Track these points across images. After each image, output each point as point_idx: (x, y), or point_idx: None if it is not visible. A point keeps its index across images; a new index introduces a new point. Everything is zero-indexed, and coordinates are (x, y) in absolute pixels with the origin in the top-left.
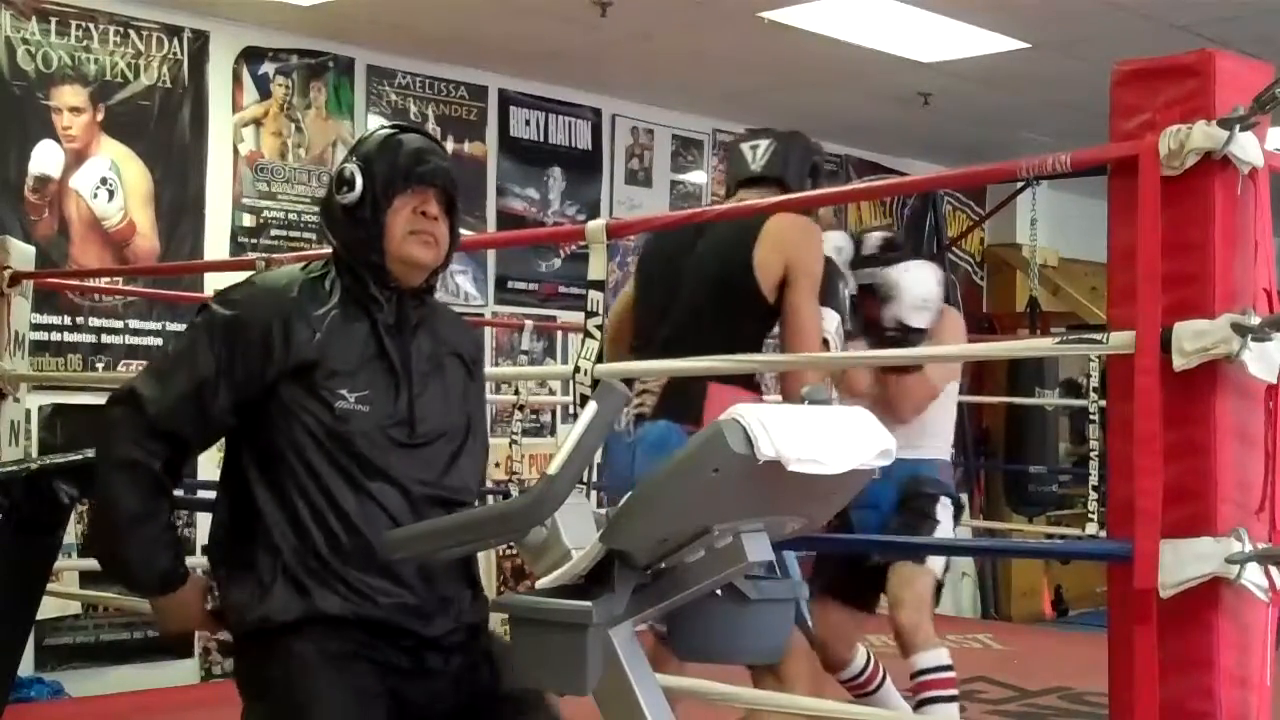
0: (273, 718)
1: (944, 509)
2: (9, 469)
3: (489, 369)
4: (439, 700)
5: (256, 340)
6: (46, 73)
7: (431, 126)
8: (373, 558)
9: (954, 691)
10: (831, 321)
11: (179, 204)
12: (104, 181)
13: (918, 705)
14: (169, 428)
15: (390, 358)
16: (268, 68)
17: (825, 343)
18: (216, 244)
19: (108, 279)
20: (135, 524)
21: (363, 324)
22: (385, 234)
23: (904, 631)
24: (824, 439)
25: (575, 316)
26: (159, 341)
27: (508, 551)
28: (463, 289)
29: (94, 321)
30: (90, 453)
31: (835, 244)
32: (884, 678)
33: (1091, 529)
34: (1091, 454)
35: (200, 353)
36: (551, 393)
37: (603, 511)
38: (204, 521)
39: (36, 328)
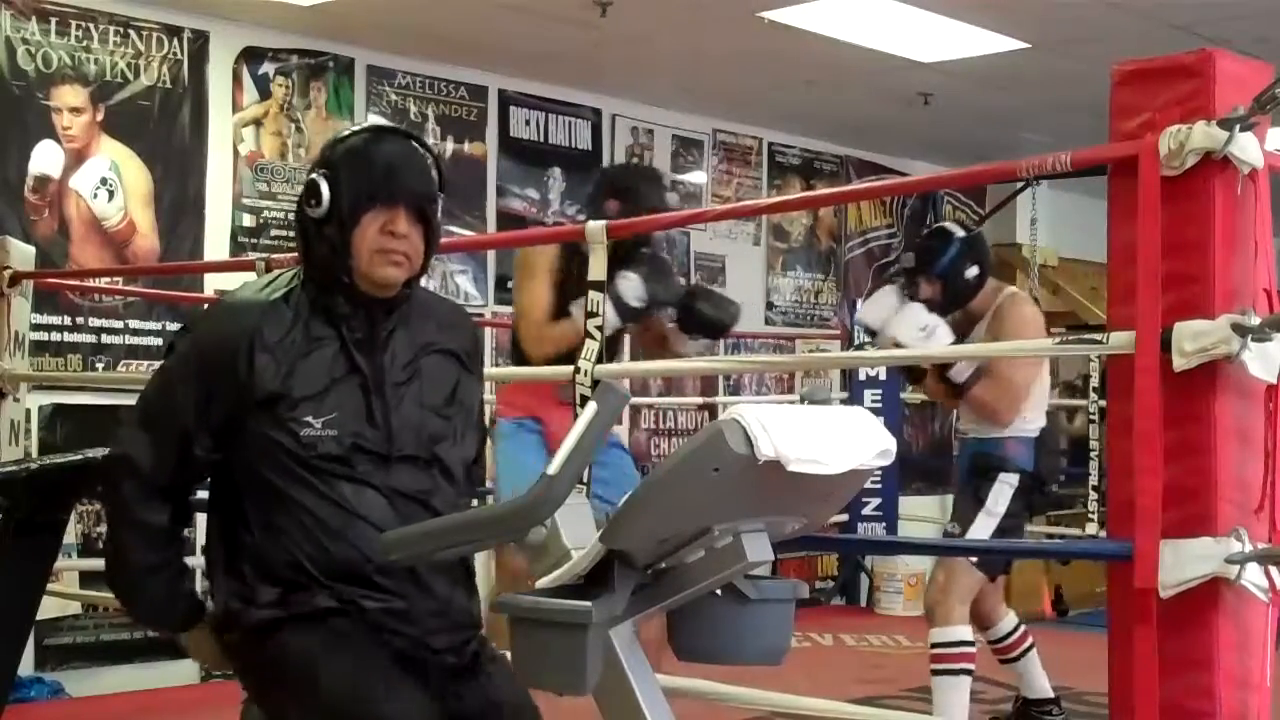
0: (287, 692)
1: (999, 488)
2: (9, 469)
3: (489, 369)
4: (434, 699)
5: (224, 377)
6: (46, 73)
7: (431, 126)
8: (360, 568)
9: (964, 666)
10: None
11: (179, 204)
12: (104, 181)
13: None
14: (165, 483)
15: (361, 374)
16: (268, 68)
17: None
18: (216, 244)
19: (108, 279)
20: (148, 575)
21: (330, 342)
22: (352, 252)
23: (926, 609)
24: (824, 439)
25: None
26: (159, 341)
27: None
28: (463, 289)
29: (94, 321)
30: (90, 452)
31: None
32: (1029, 648)
33: (1091, 529)
34: (1091, 454)
35: (177, 401)
36: None
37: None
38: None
39: (36, 328)
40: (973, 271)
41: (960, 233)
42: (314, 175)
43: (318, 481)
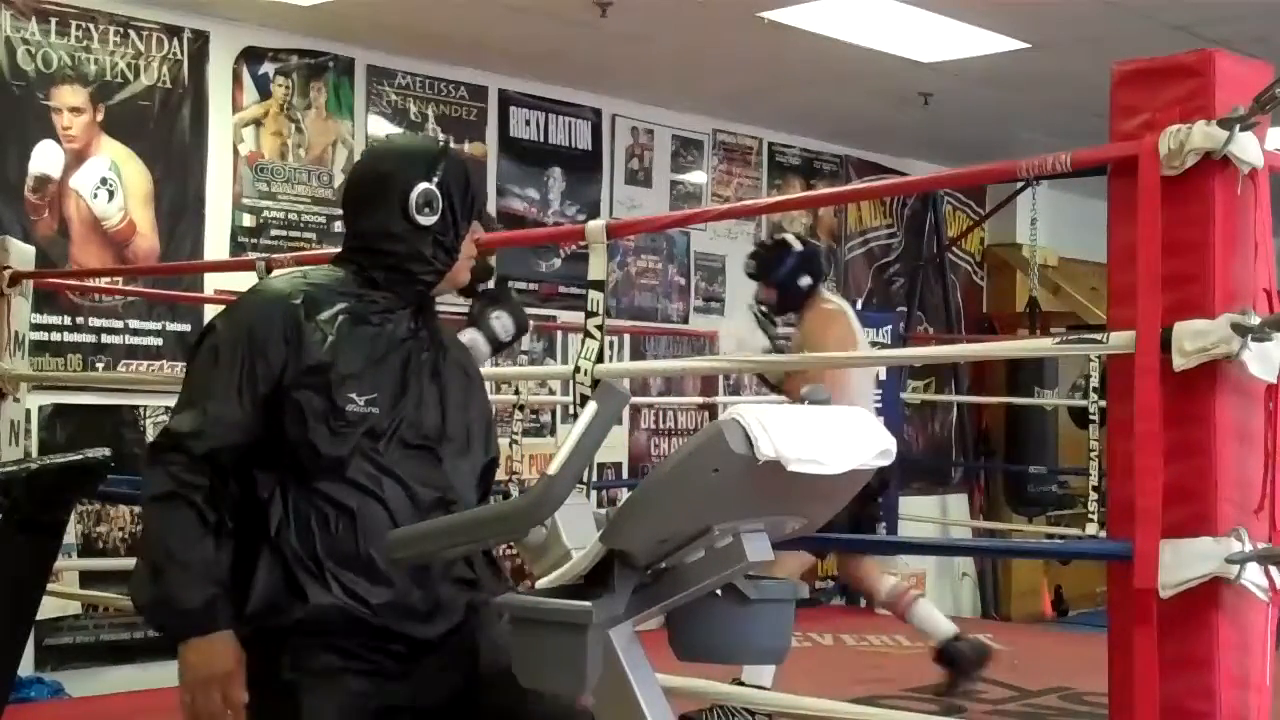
0: None
1: None
2: (9, 469)
3: (489, 369)
4: (432, 699)
5: (269, 348)
6: (46, 73)
7: (431, 126)
8: (371, 561)
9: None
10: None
11: (179, 204)
12: (104, 181)
13: None
14: (202, 452)
15: (397, 362)
16: (268, 68)
17: None
18: (216, 244)
19: (108, 279)
20: (174, 554)
21: (370, 329)
22: (457, 258)
23: None
24: (824, 439)
25: (575, 316)
26: (159, 342)
27: (508, 551)
28: None
29: (94, 321)
30: (90, 452)
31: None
32: (913, 600)
33: (1091, 529)
34: (1092, 454)
35: (219, 374)
36: (551, 393)
37: (603, 511)
38: None
39: (36, 328)
40: (805, 280)
41: (798, 246)
42: (425, 186)
43: (349, 459)
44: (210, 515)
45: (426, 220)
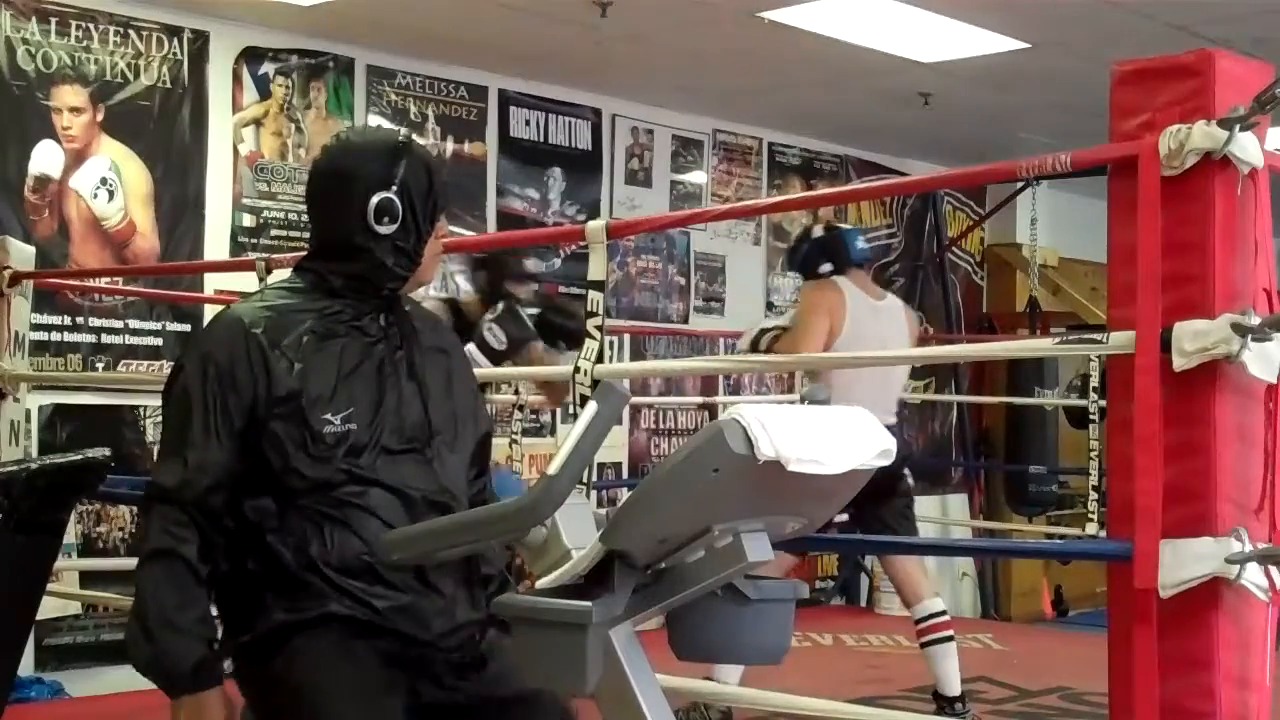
0: (281, 713)
1: None
2: (9, 469)
3: (489, 369)
4: (439, 698)
5: (238, 382)
6: (46, 73)
7: (431, 126)
8: (369, 566)
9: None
10: None
11: (179, 204)
12: (104, 181)
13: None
14: (191, 500)
15: (370, 370)
16: (268, 68)
17: None
18: (216, 244)
19: (108, 279)
20: (166, 614)
21: (340, 340)
22: (420, 261)
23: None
24: (824, 439)
25: None
26: (159, 342)
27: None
28: (463, 289)
29: (94, 321)
30: (90, 452)
31: None
32: (947, 637)
33: (1091, 529)
34: (1091, 453)
35: (195, 418)
36: None
37: (603, 511)
38: None
39: (36, 328)
40: (826, 267)
41: (819, 234)
42: (384, 195)
43: (333, 476)
44: (203, 569)
45: (386, 229)
